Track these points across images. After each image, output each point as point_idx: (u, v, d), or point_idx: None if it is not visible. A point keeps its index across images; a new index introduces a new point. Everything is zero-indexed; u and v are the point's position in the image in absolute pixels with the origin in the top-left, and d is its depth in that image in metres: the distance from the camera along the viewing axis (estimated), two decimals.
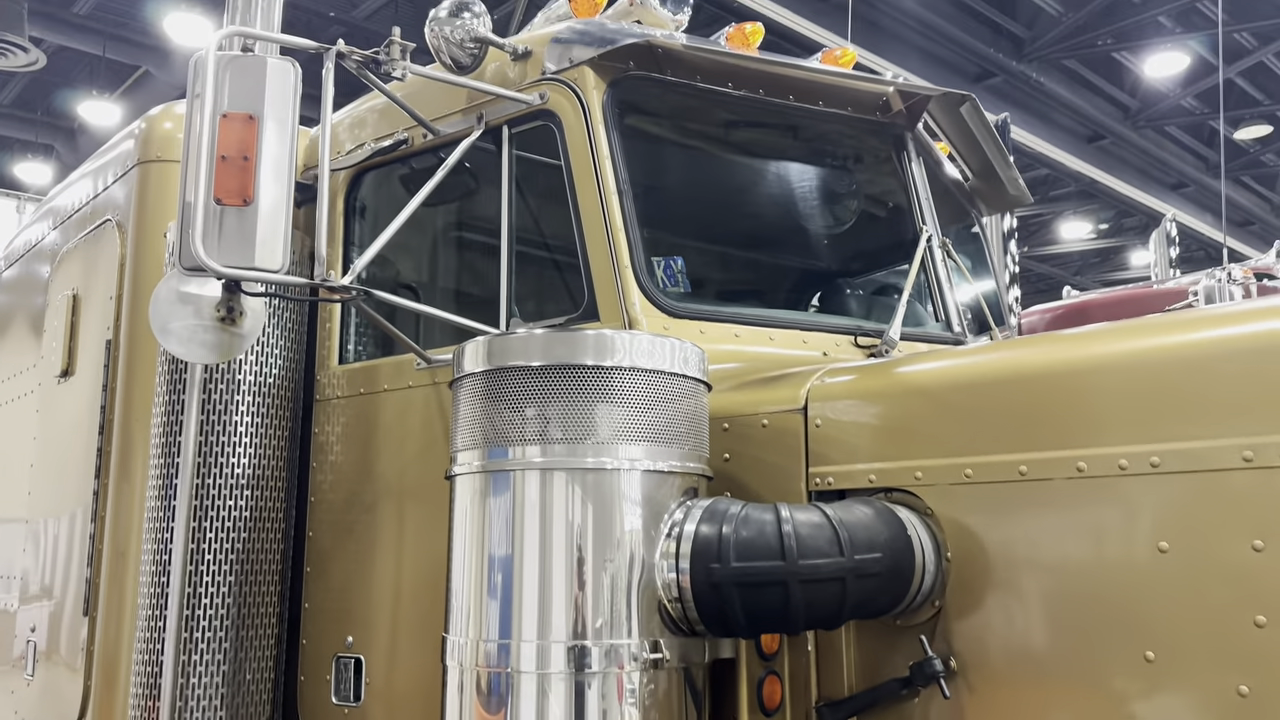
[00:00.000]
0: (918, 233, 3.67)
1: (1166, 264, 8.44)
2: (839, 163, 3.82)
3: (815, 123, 3.71)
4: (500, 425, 2.54)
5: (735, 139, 3.73)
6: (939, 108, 3.81)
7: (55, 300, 4.74)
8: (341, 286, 3.09)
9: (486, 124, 3.57)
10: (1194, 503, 2.09)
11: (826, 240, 3.90)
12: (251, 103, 3.05)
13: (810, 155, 3.80)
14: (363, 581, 3.67)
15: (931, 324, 3.65)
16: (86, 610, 4.06)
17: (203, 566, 3.61)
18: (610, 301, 3.18)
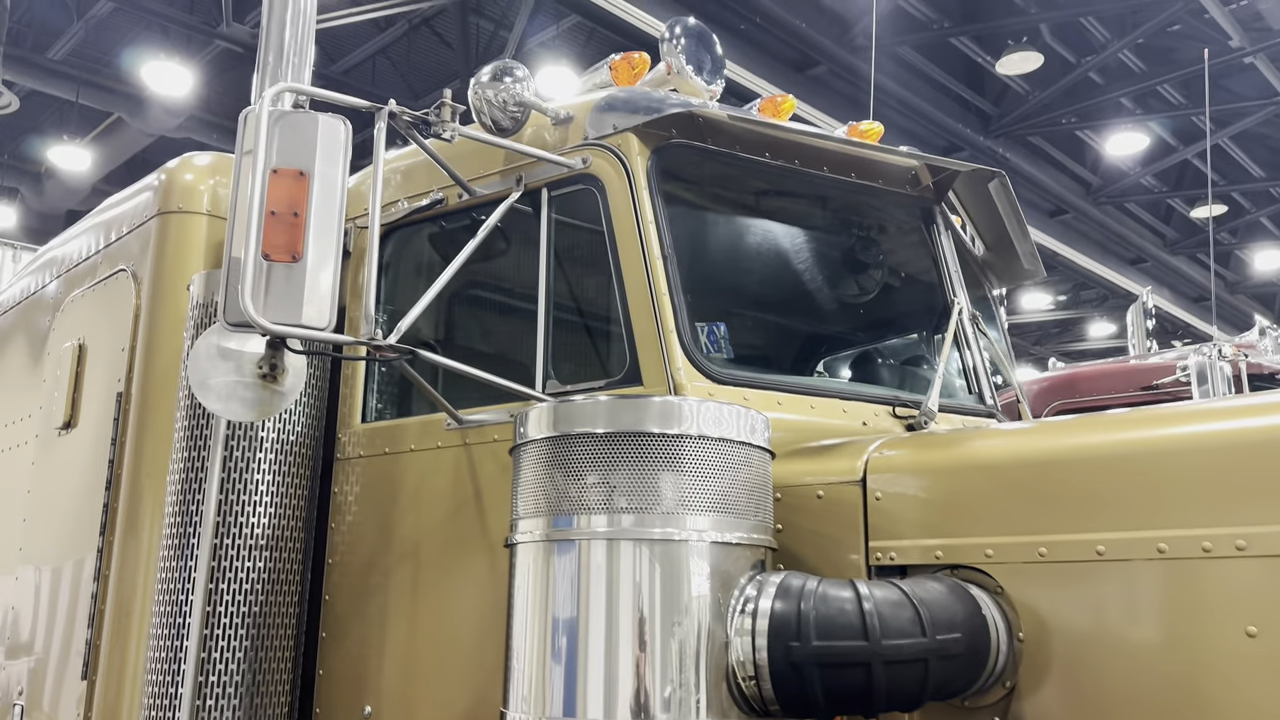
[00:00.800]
0: (948, 304, 3.68)
1: (1144, 337, 8.59)
2: (870, 233, 3.84)
3: (847, 194, 3.74)
4: (565, 493, 2.47)
5: (771, 208, 3.74)
6: (963, 181, 3.86)
7: (58, 350, 4.61)
8: (389, 346, 3.02)
9: (526, 186, 3.55)
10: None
11: (858, 309, 3.91)
12: (302, 159, 3.00)
13: (843, 225, 3.82)
14: (382, 648, 3.55)
15: (963, 395, 3.65)
16: (85, 673, 3.88)
17: (217, 630, 3.48)
18: (654, 366, 3.15)
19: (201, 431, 3.63)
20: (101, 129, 19.98)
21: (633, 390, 3.16)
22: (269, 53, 3.97)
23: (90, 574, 3.97)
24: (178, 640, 3.49)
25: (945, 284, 3.75)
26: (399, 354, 3.05)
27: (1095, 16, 14.48)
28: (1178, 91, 15.84)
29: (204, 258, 4.09)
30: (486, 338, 4.00)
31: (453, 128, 3.24)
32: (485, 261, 3.83)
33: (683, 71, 3.74)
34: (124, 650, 3.78)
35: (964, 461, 2.58)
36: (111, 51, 18.22)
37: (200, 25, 16.17)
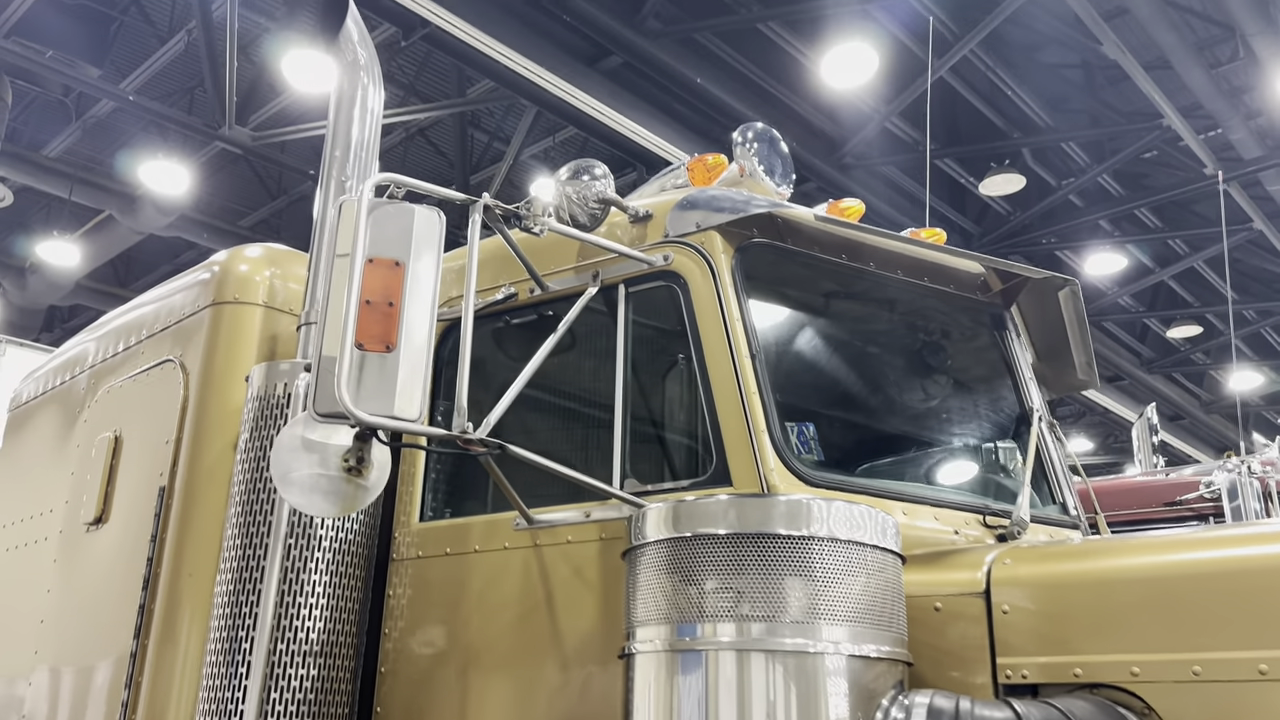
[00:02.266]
0: (1025, 410, 3.62)
1: (1150, 452, 8.58)
2: (943, 337, 3.79)
3: (921, 298, 3.69)
4: (688, 599, 2.33)
5: (847, 310, 3.68)
6: (1030, 287, 3.83)
7: (89, 442, 4.41)
8: (479, 440, 2.89)
9: (603, 282, 3.48)
10: None
11: (934, 413, 3.83)
12: (397, 249, 2.92)
13: (916, 328, 3.77)
14: None
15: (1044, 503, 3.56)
16: None
17: None
18: (745, 466, 3.03)
19: (258, 528, 3.44)
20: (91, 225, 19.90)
21: (722, 491, 3.03)
22: (335, 147, 3.92)
23: (121, 681, 3.72)
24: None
25: (1021, 390, 3.69)
26: (488, 449, 2.92)
27: (1075, 142, 14.91)
28: (1154, 215, 16.26)
29: (258, 350, 3.96)
30: (554, 435, 3.87)
31: (543, 222, 3.18)
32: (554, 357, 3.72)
33: (755, 174, 3.73)
34: None
35: (1103, 574, 2.46)
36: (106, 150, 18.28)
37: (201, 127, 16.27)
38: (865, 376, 3.72)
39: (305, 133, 15.66)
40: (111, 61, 15.75)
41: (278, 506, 3.40)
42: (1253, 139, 14.35)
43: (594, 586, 3.18)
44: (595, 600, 3.17)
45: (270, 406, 3.57)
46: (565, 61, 13.06)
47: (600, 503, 3.26)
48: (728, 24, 13.24)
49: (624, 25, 12.69)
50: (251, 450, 3.56)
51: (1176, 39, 12.79)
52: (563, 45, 12.92)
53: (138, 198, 17.73)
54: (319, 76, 14.18)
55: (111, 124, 17.81)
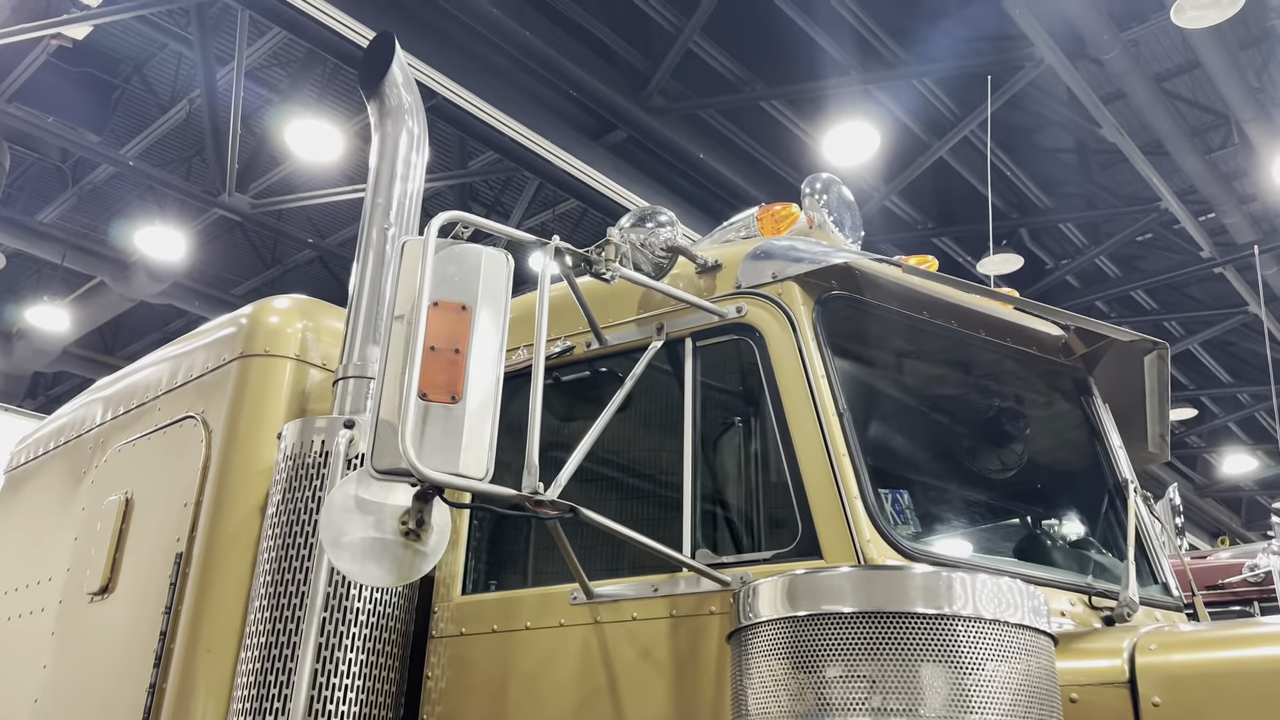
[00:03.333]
0: (1117, 481, 3.36)
1: (1174, 533, 8.29)
2: (1028, 402, 3.54)
3: (1004, 359, 3.45)
4: (812, 689, 2.02)
5: (928, 370, 3.43)
6: (1113, 350, 3.59)
7: (97, 505, 4.07)
8: (551, 502, 2.59)
9: (668, 335, 3.22)
10: None
11: (1022, 483, 3.56)
12: (464, 292, 2.65)
13: (1000, 392, 3.52)
14: None
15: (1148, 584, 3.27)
16: None
17: None
18: (837, 537, 2.73)
19: (289, 600, 3.11)
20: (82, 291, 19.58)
21: (812, 564, 2.73)
22: (377, 195, 3.69)
23: None
24: None
25: (1111, 460, 3.43)
26: (559, 512, 2.62)
27: (1073, 224, 14.93)
28: (1150, 297, 16.24)
29: (287, 406, 3.66)
30: (611, 502, 3.56)
31: (615, 268, 2.93)
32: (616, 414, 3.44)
33: (825, 225, 3.50)
34: None
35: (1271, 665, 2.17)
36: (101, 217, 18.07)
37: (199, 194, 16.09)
38: (947, 442, 3.46)
39: (305, 201, 15.51)
40: (111, 129, 15.63)
41: (313, 576, 3.08)
42: (1246, 223, 14.40)
43: (664, 670, 2.86)
44: (665, 685, 2.84)
45: (305, 466, 3.27)
46: (570, 135, 13.01)
47: (669, 576, 2.95)
48: (732, 102, 13.25)
49: (629, 101, 12.67)
50: (283, 513, 3.24)
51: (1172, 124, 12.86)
52: (568, 119, 12.87)
53: (131, 264, 17.46)
54: (321, 146, 14.11)
55: (107, 191, 17.62)
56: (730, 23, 12.47)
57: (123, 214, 17.53)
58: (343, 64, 12.60)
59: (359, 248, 3.72)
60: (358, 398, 3.46)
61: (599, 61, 12.53)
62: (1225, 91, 12.22)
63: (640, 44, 12.79)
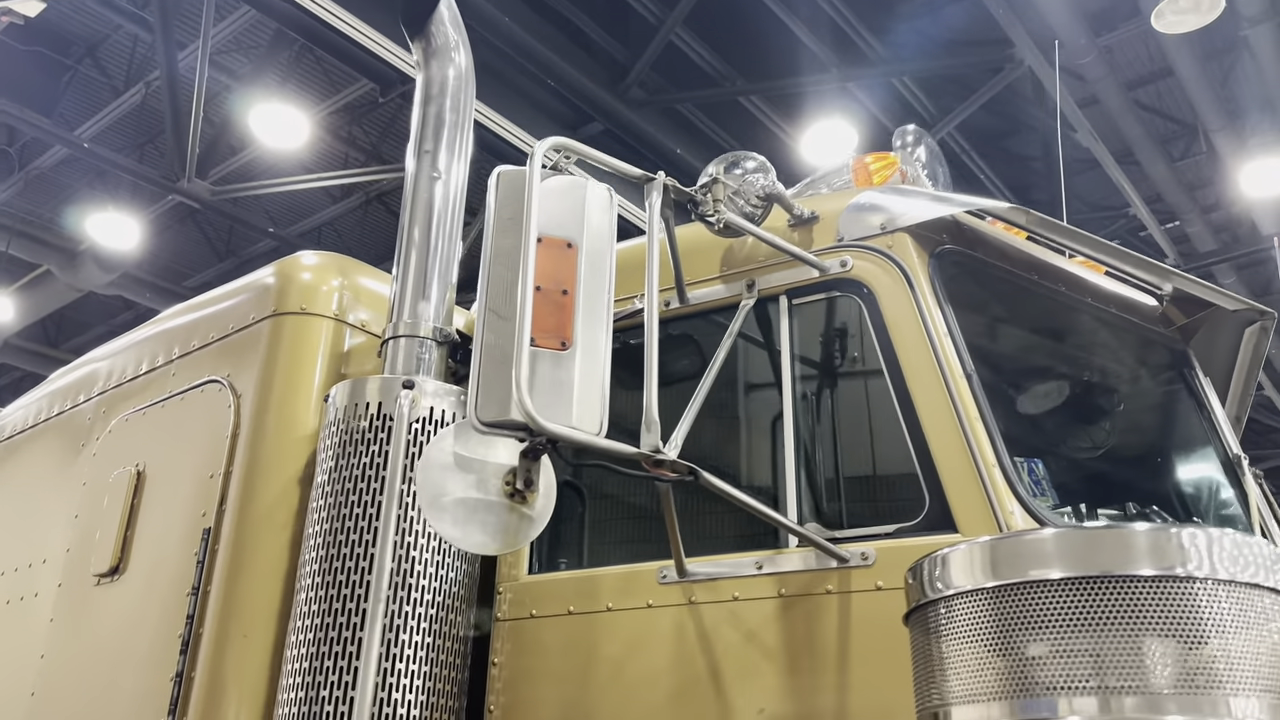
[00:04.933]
0: (1227, 457, 3.14)
1: None
2: (1134, 373, 3.32)
3: (1107, 327, 3.22)
4: (1028, 667, 1.74)
5: (1035, 334, 3.19)
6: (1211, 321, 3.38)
7: (102, 479, 3.66)
8: (672, 463, 2.28)
9: (760, 292, 2.93)
10: None
11: (1130, 457, 3.33)
12: (569, 229, 2.34)
13: (1105, 362, 3.29)
14: None
15: None
16: None
17: None
18: (973, 507, 2.47)
19: (348, 577, 2.75)
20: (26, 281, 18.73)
21: (946, 538, 2.46)
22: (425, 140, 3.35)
23: None
24: None
25: (1219, 435, 3.22)
26: (679, 474, 2.31)
27: None
28: None
29: (326, 369, 3.30)
30: None
31: (722, 212, 2.64)
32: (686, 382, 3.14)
33: (918, 179, 3.24)
34: None
35: None
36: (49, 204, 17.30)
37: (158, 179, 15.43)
38: (1057, 412, 3.21)
39: (270, 189, 14.96)
40: (61, 113, 14.94)
41: (376, 551, 2.73)
42: (1208, 232, 14.54)
43: (773, 655, 2.57)
44: (775, 672, 2.55)
45: (359, 430, 2.92)
46: (547, 126, 12.67)
47: (774, 552, 2.66)
48: (710, 96, 13.01)
49: (607, 93, 12.39)
50: (335, 483, 2.89)
51: (1142, 131, 12.92)
52: (544, 110, 12.53)
53: (79, 253, 16.71)
54: (286, 132, 13.60)
55: (56, 176, 16.87)
56: (712, 14, 12.25)
57: (72, 200, 16.79)
58: (312, 45, 12.15)
59: (405, 198, 3.38)
60: (410, 359, 3.12)
61: (578, 51, 12.23)
62: (1195, 99, 12.28)
63: (620, 34, 12.51)
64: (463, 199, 3.42)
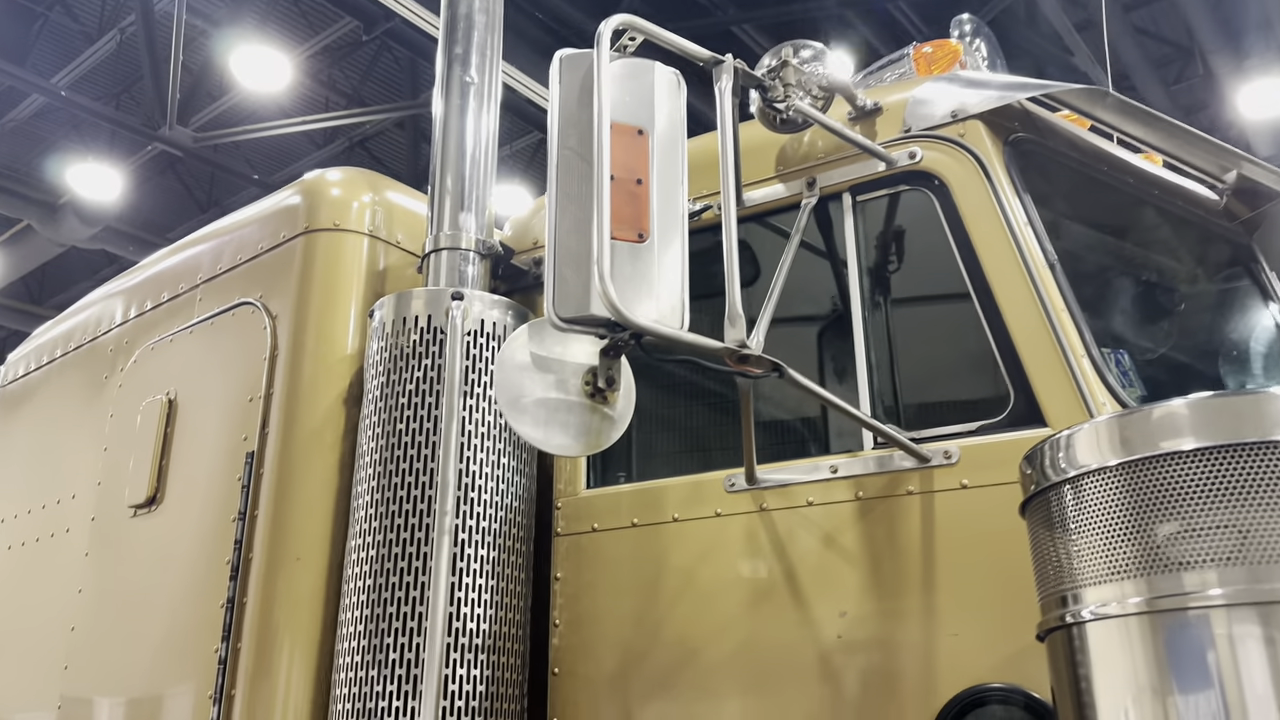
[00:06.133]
0: None
1: None
2: (1198, 263, 3.22)
3: (1174, 223, 3.11)
4: (1166, 543, 1.65)
5: (1106, 225, 3.08)
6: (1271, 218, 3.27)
7: (131, 410, 3.52)
8: (757, 358, 2.17)
9: (821, 191, 2.80)
10: None
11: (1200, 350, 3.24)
12: (639, 115, 2.21)
13: (1175, 258, 3.18)
14: None
15: None
16: None
17: None
18: (1063, 400, 2.37)
19: (408, 492, 2.65)
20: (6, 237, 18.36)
21: (1035, 433, 2.37)
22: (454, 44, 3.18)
23: (205, 694, 2.85)
24: None
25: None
26: (763, 370, 2.20)
27: None
28: None
29: (364, 287, 3.16)
30: None
31: (794, 98, 2.50)
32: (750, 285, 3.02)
33: (979, 69, 3.11)
34: None
35: None
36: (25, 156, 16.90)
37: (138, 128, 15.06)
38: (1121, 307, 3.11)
39: (254, 134, 14.63)
40: (33, 63, 14.52)
41: (441, 466, 2.61)
42: None
43: (854, 559, 2.49)
44: (857, 576, 2.47)
45: (409, 345, 2.79)
46: (532, 59, 12.37)
47: (850, 456, 2.57)
48: (702, 26, 12.71)
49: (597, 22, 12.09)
50: (387, 399, 2.77)
51: (1139, 55, 12.75)
52: (534, 44, 12.22)
53: (60, 207, 16.36)
54: (268, 75, 13.25)
55: (33, 128, 16.47)
56: None
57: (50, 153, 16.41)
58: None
59: (436, 106, 3.22)
60: (453, 273, 2.99)
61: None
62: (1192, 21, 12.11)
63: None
64: (498, 105, 3.26)
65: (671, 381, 3.10)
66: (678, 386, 3.12)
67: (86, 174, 15.47)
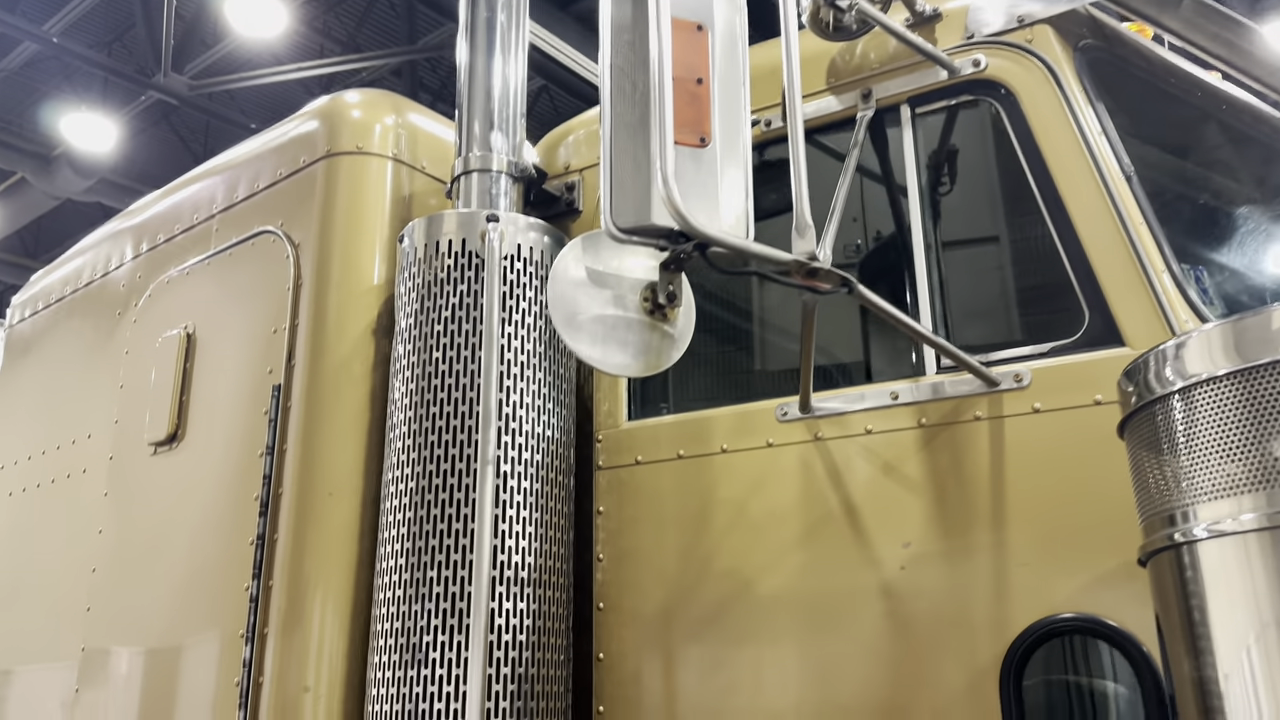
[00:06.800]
0: None
1: None
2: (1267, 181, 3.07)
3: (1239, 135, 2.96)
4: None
5: (1178, 142, 2.92)
6: None
7: (147, 345, 3.39)
8: (827, 272, 2.03)
9: (878, 102, 2.65)
10: None
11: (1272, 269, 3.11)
12: (697, 9, 2.05)
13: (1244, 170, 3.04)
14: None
15: None
16: None
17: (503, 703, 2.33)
18: (1142, 317, 2.24)
19: (447, 422, 2.52)
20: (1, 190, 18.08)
21: (1113, 354, 2.24)
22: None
23: (236, 632, 2.74)
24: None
25: None
26: (833, 285, 2.07)
27: None
28: None
29: (391, 212, 3.01)
30: None
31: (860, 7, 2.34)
32: None
33: None
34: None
35: None
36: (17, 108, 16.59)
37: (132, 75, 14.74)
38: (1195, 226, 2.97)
39: (250, 81, 14.34)
40: (22, 10, 14.18)
41: (482, 396, 2.48)
42: None
43: (916, 487, 2.37)
44: (921, 505, 2.35)
45: (442, 270, 2.65)
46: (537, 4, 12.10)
47: (911, 381, 2.44)
48: None
49: None
50: (421, 329, 2.63)
51: None
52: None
53: (54, 159, 16.09)
54: (263, 19, 12.94)
55: (25, 79, 16.14)
56: None
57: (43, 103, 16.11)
58: None
59: (464, 22, 3.04)
60: (484, 196, 2.84)
61: None
62: None
63: None
64: (526, 15, 3.09)
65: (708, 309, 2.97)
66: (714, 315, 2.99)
67: (81, 124, 15.19)
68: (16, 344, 4.17)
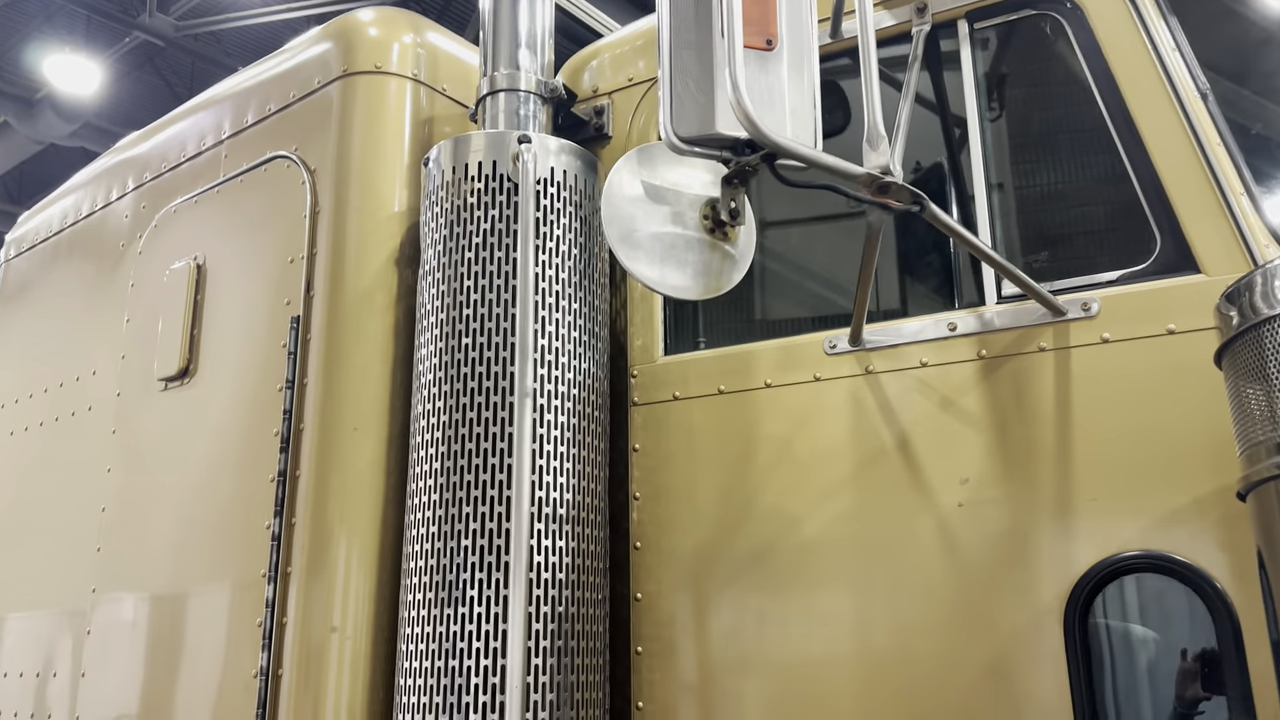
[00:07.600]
0: None
1: None
2: None
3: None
4: None
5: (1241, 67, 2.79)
6: None
7: (154, 278, 3.23)
8: (899, 187, 1.90)
9: (934, 18, 2.50)
10: None
11: None
12: None
13: None
14: (751, 672, 2.37)
15: None
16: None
17: (543, 643, 2.23)
18: (1219, 241, 2.12)
19: (480, 353, 2.38)
20: None
21: (1187, 280, 2.12)
22: None
23: (258, 573, 2.63)
24: (459, 681, 2.21)
25: None
26: (904, 203, 1.93)
27: None
28: None
29: (412, 136, 2.85)
30: None
31: None
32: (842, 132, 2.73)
33: None
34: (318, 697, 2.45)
35: None
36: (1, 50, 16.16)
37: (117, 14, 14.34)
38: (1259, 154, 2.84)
39: (236, 22, 13.98)
40: None
41: (519, 327, 2.35)
42: None
43: (976, 421, 2.26)
44: (981, 440, 2.24)
45: (471, 194, 2.50)
46: None
47: (969, 311, 2.32)
48: None
49: None
50: (449, 257, 2.48)
51: None
52: None
53: (37, 101, 15.71)
54: None
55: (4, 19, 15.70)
56: None
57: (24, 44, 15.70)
58: None
59: None
60: (511, 118, 2.68)
61: None
62: None
63: None
64: None
65: None
66: None
67: (64, 66, 14.82)
68: (12, 280, 4.00)
